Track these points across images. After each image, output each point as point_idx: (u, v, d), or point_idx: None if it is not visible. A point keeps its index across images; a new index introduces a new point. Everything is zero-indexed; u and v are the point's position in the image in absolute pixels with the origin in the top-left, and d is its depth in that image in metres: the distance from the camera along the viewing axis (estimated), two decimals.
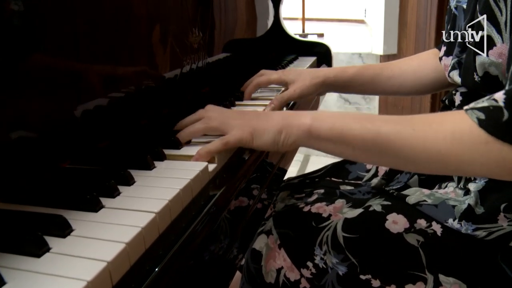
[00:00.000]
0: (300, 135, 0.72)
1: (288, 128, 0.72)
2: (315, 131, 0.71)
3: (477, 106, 0.60)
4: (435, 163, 0.64)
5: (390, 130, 0.65)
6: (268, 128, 0.73)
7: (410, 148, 0.64)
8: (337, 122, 0.70)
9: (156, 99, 0.86)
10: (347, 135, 0.68)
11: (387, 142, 0.65)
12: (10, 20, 0.54)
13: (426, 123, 0.64)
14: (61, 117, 0.63)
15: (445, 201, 0.78)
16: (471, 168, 0.62)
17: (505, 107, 0.57)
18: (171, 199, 0.52)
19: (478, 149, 0.59)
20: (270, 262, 0.84)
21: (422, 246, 0.75)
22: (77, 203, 0.50)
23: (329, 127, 0.70)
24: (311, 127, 0.71)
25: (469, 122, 0.60)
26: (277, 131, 0.73)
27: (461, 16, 0.82)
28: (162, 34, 0.86)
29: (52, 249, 0.42)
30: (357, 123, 0.68)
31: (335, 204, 0.86)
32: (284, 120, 0.73)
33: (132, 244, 0.43)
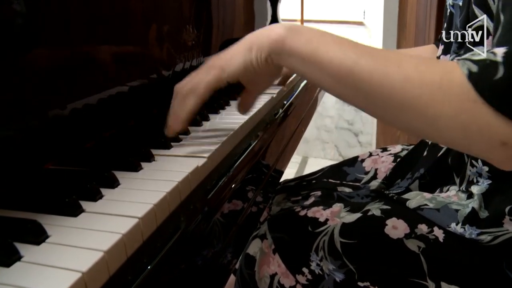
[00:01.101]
0: (272, 47, 0.63)
1: (258, 42, 0.64)
2: (288, 44, 0.62)
3: (472, 58, 0.52)
4: (410, 111, 0.54)
5: (372, 62, 0.56)
6: (236, 52, 0.66)
7: (388, 87, 0.55)
8: (315, 38, 0.61)
9: (147, 98, 0.83)
10: (322, 56, 0.59)
11: (365, 75, 0.56)
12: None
13: (414, 64, 0.55)
14: (45, 116, 0.60)
15: (447, 205, 0.76)
16: (449, 126, 0.53)
17: (502, 62, 0.49)
18: (156, 203, 0.49)
19: (463, 106, 0.51)
20: (264, 268, 0.82)
21: (423, 252, 0.73)
22: (55, 207, 0.47)
23: (304, 42, 0.61)
24: (285, 38, 0.62)
25: (459, 73, 0.51)
26: (246, 49, 0.65)
27: (457, 13, 0.79)
28: (153, 31, 0.83)
29: (23, 258, 0.39)
30: (337, 45, 0.59)
31: (333, 208, 0.84)
32: (253, 36, 0.66)
33: (112, 252, 0.40)
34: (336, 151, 3.38)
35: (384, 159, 1.04)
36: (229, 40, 1.22)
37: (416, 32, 2.74)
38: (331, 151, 3.40)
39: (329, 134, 3.41)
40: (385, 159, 1.04)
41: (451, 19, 0.84)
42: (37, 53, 0.58)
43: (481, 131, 0.51)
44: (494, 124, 0.50)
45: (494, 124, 0.50)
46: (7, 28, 0.53)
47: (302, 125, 1.20)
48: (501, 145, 0.51)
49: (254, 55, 0.64)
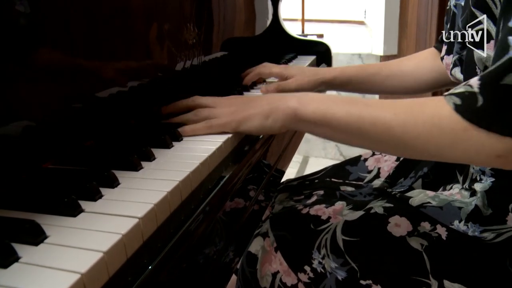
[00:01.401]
0: (286, 119, 0.72)
1: (275, 112, 0.73)
2: (300, 115, 0.71)
3: (454, 92, 0.61)
4: (416, 148, 0.64)
5: (371, 114, 0.65)
6: (255, 115, 0.74)
7: (390, 132, 0.64)
8: (321, 105, 0.70)
9: (147, 97, 0.82)
10: (330, 119, 0.69)
11: (369, 126, 0.65)
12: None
13: (407, 107, 0.64)
14: (44, 114, 0.59)
15: (450, 202, 0.75)
16: (452, 154, 0.62)
17: (479, 93, 0.58)
18: (157, 202, 0.48)
19: (457, 135, 0.59)
20: (266, 266, 0.81)
21: (426, 250, 0.73)
22: (54, 207, 0.46)
23: (312, 110, 0.70)
24: (296, 110, 0.71)
25: (447, 108, 0.60)
26: (263, 117, 0.73)
27: (459, 13, 0.79)
28: (154, 28, 0.82)
29: (21, 259, 0.38)
30: (339, 106, 0.69)
31: (335, 206, 0.84)
32: (270, 105, 0.74)
33: (112, 253, 0.39)
34: (337, 150, 3.37)
35: (387, 158, 1.03)
36: (230, 40, 1.21)
37: (417, 32, 2.73)
38: (332, 151, 3.39)
39: None
40: (388, 158, 1.03)
41: (453, 19, 0.83)
42: (37, 51, 0.57)
43: (478, 151, 0.59)
44: (487, 143, 0.57)
45: (487, 143, 0.57)
46: (7, 27, 0.52)
47: None
48: (497, 157, 0.58)
49: (269, 123, 0.73)
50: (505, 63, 0.56)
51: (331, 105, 0.69)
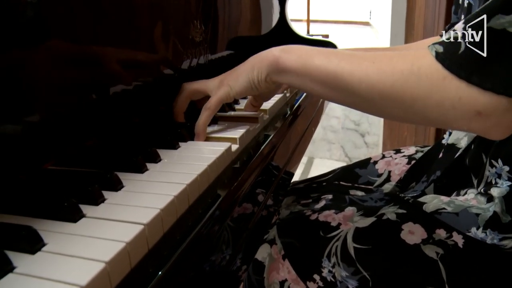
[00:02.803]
0: (270, 68, 0.72)
1: (259, 63, 0.73)
2: (282, 63, 0.70)
3: (438, 41, 0.57)
4: (390, 100, 0.60)
5: (351, 63, 0.63)
6: (241, 72, 0.75)
7: (366, 81, 0.61)
8: (303, 54, 0.69)
9: (152, 95, 0.80)
10: (310, 67, 0.67)
11: (346, 75, 0.63)
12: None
13: (387, 57, 0.61)
14: (44, 112, 0.56)
15: (466, 209, 0.73)
16: (426, 107, 0.57)
17: (462, 37, 0.54)
18: (163, 207, 0.45)
19: (435, 85, 0.55)
20: (273, 274, 0.78)
21: (442, 258, 0.70)
22: (53, 212, 0.43)
23: (294, 59, 0.69)
24: (278, 58, 0.71)
25: (429, 57, 0.56)
26: (249, 70, 0.74)
27: (476, 4, 0.76)
28: (160, 26, 0.80)
29: (16, 269, 0.36)
30: (322, 56, 0.67)
31: (345, 212, 0.81)
32: (255, 58, 0.75)
33: (114, 263, 0.37)
34: (342, 151, 3.35)
35: (398, 161, 1.00)
36: (236, 38, 1.19)
37: (424, 33, 2.71)
38: (337, 152, 3.37)
39: (335, 135, 3.38)
40: (398, 161, 1.00)
41: (469, 11, 0.80)
42: (39, 47, 0.55)
43: (454, 105, 0.54)
44: (465, 96, 0.53)
45: (465, 96, 0.53)
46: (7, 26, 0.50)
47: (312, 125, 1.17)
48: (476, 115, 0.54)
49: (256, 74, 0.73)
50: (494, 3, 0.52)
51: (314, 55, 0.68)
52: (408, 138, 2.61)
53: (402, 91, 0.58)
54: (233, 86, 0.75)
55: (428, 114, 0.58)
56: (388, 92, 0.59)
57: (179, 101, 0.80)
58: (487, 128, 0.55)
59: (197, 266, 0.49)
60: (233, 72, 0.77)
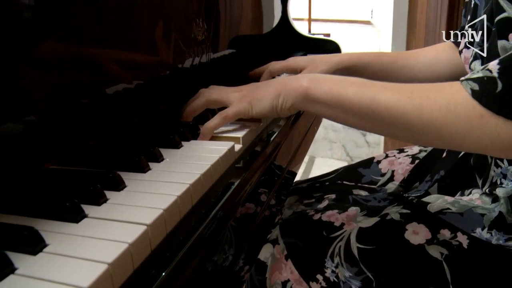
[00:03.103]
0: (297, 98, 0.71)
1: (285, 91, 0.72)
2: (312, 94, 0.70)
3: (472, 77, 0.59)
4: (429, 134, 0.61)
5: (386, 97, 0.64)
6: (266, 95, 0.74)
7: (404, 117, 0.62)
8: (335, 85, 0.69)
9: (154, 94, 0.79)
10: (343, 99, 0.67)
11: (383, 109, 0.64)
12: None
13: (423, 92, 0.62)
14: (45, 111, 0.56)
15: (471, 209, 0.72)
16: (465, 142, 0.60)
17: (498, 77, 0.55)
18: (166, 208, 0.45)
19: (472, 122, 0.57)
20: (276, 274, 0.78)
21: (446, 259, 0.69)
22: (55, 212, 0.43)
23: (325, 90, 0.69)
24: (308, 89, 0.70)
25: (464, 94, 0.58)
26: (274, 96, 0.73)
27: (482, 4, 0.76)
28: (162, 24, 0.79)
29: (18, 270, 0.35)
30: (354, 87, 0.67)
31: (348, 212, 0.80)
32: (281, 85, 0.74)
33: (117, 265, 0.36)
34: (343, 151, 3.34)
35: (401, 161, 1.00)
36: (238, 37, 1.18)
37: (426, 32, 2.70)
38: (338, 151, 3.36)
39: (336, 134, 3.37)
40: (402, 161, 1.00)
41: (475, 11, 0.80)
42: (40, 45, 0.54)
43: (493, 140, 0.56)
44: (503, 132, 0.55)
45: (503, 132, 0.55)
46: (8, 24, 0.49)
47: (315, 124, 1.16)
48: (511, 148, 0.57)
49: (281, 102, 0.73)
50: None
51: (345, 86, 0.68)
52: None
53: (441, 127, 0.59)
54: (254, 106, 0.74)
55: (466, 147, 0.63)
56: (427, 129, 0.60)
57: (195, 105, 0.78)
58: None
59: (200, 267, 0.48)
60: (256, 90, 0.76)
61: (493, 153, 0.62)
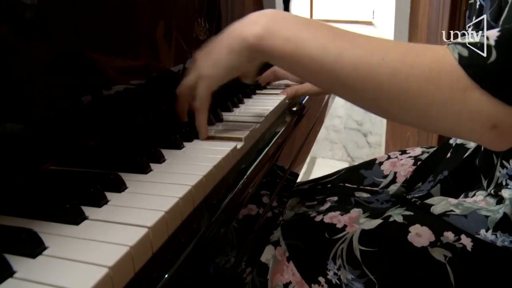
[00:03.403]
0: (251, 50, 0.62)
1: (237, 44, 0.63)
2: (265, 46, 0.60)
3: (462, 41, 0.51)
4: (401, 104, 0.54)
5: (355, 54, 0.54)
6: (217, 56, 0.66)
7: (374, 81, 0.53)
8: (293, 35, 0.58)
9: (156, 94, 0.79)
10: (301, 55, 0.57)
11: (349, 70, 0.54)
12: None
13: (401, 54, 0.53)
14: (45, 111, 0.55)
15: (475, 211, 0.71)
16: (440, 116, 0.52)
17: (495, 46, 0.48)
18: (168, 210, 0.44)
19: (454, 94, 0.50)
20: (277, 276, 0.77)
21: (450, 262, 0.68)
22: (54, 213, 0.42)
23: (281, 42, 0.59)
24: (262, 40, 0.60)
25: (450, 60, 0.50)
26: (226, 53, 0.64)
27: (487, 5, 0.75)
28: (164, 23, 0.78)
29: (16, 273, 0.34)
30: (317, 40, 0.57)
31: (351, 213, 0.80)
32: (230, 34, 0.64)
33: (118, 268, 0.35)
34: (344, 151, 3.34)
35: (404, 162, 0.99)
36: None
37: (428, 33, 2.70)
38: (339, 152, 3.36)
39: (337, 134, 3.36)
40: (404, 162, 0.99)
41: (480, 13, 0.79)
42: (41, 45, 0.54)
43: (472, 117, 0.50)
44: (485, 109, 0.49)
45: (485, 109, 0.49)
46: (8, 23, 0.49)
47: (317, 124, 1.15)
48: (491, 128, 0.50)
49: (236, 58, 0.64)
50: None
51: (307, 37, 0.57)
52: (411, 138, 2.59)
53: (416, 97, 0.52)
54: (212, 75, 0.66)
55: (441, 122, 0.53)
56: (399, 97, 0.53)
57: (178, 106, 0.75)
58: (495, 140, 0.52)
59: (202, 270, 0.48)
60: (207, 56, 0.67)
61: (467, 132, 0.53)
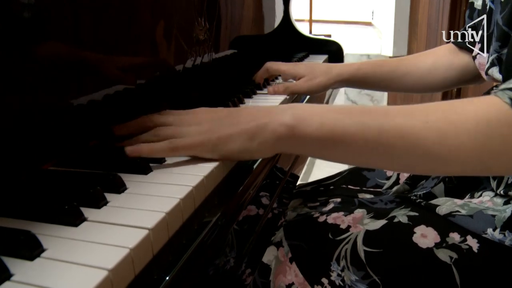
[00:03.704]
0: (280, 140, 0.58)
1: (262, 132, 0.58)
2: (299, 134, 0.57)
3: (507, 86, 0.51)
4: (455, 162, 0.53)
5: (396, 124, 0.54)
6: (235, 134, 0.58)
7: (424, 145, 0.52)
8: (325, 119, 0.56)
9: (156, 94, 0.78)
10: (340, 135, 0.55)
11: (394, 139, 0.53)
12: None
13: (441, 115, 0.53)
14: (44, 111, 0.55)
15: (482, 211, 0.70)
16: (498, 164, 0.52)
17: None
18: (169, 211, 0.43)
19: (508, 139, 0.49)
20: (280, 277, 0.76)
21: (456, 263, 0.67)
22: (53, 215, 0.41)
23: (316, 127, 0.56)
24: (293, 129, 0.57)
25: (498, 106, 0.50)
26: (247, 137, 0.58)
27: (498, 9, 0.74)
28: (164, 23, 0.78)
29: (14, 276, 0.33)
30: (351, 119, 0.55)
31: (354, 214, 0.79)
32: (256, 121, 0.58)
33: (118, 271, 0.34)
34: None
35: None
36: (240, 37, 1.17)
37: (427, 32, 2.70)
38: None
39: None
40: None
41: (490, 16, 0.78)
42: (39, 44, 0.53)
43: None
44: None
45: None
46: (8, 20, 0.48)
47: None
48: None
49: (255, 146, 0.58)
50: None
51: (340, 118, 0.56)
52: None
53: (470, 153, 0.51)
54: (219, 147, 0.58)
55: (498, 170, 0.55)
56: (454, 155, 0.52)
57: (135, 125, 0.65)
58: None
59: (203, 272, 0.47)
60: (224, 127, 0.59)
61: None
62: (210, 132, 0.59)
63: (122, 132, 0.64)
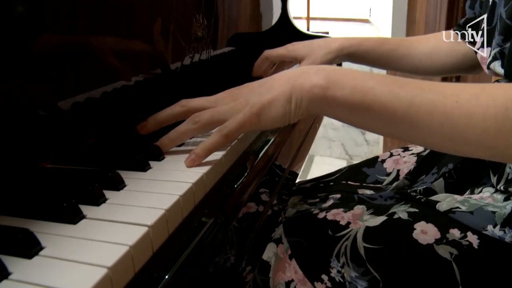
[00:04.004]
0: (313, 100, 0.58)
1: (297, 92, 0.58)
2: (332, 96, 0.57)
3: None
4: (479, 145, 0.53)
5: (428, 99, 0.54)
6: (274, 99, 0.59)
7: (451, 124, 0.52)
8: (359, 85, 0.57)
9: (154, 91, 0.78)
10: (370, 103, 0.56)
11: (424, 114, 0.53)
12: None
13: (473, 95, 0.52)
14: (42, 108, 0.54)
15: (482, 207, 0.70)
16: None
17: None
18: (168, 208, 0.43)
19: None
20: (279, 274, 0.76)
21: (456, 259, 0.67)
22: (51, 213, 0.41)
23: (349, 91, 0.56)
24: (326, 90, 0.57)
25: None
26: (285, 99, 0.59)
27: (501, 2, 0.73)
28: (162, 19, 0.77)
29: (12, 275, 0.33)
30: (384, 88, 0.56)
31: (354, 210, 0.78)
32: (289, 84, 0.59)
33: (117, 268, 0.34)
34: (342, 149, 3.33)
35: (407, 159, 0.98)
36: (238, 34, 1.16)
37: (425, 30, 2.69)
38: (337, 150, 3.35)
39: (335, 132, 3.36)
40: (407, 159, 0.98)
41: (492, 10, 0.78)
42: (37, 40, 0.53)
43: None
44: None
45: None
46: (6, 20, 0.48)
47: (317, 121, 1.14)
48: None
49: (293, 107, 0.59)
50: None
51: (372, 85, 0.56)
52: None
53: (495, 137, 0.51)
54: (262, 116, 0.59)
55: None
56: (478, 138, 0.52)
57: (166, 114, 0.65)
58: None
59: (203, 269, 0.47)
60: (258, 96, 0.60)
61: None
62: (250, 105, 0.59)
63: (151, 128, 0.65)
